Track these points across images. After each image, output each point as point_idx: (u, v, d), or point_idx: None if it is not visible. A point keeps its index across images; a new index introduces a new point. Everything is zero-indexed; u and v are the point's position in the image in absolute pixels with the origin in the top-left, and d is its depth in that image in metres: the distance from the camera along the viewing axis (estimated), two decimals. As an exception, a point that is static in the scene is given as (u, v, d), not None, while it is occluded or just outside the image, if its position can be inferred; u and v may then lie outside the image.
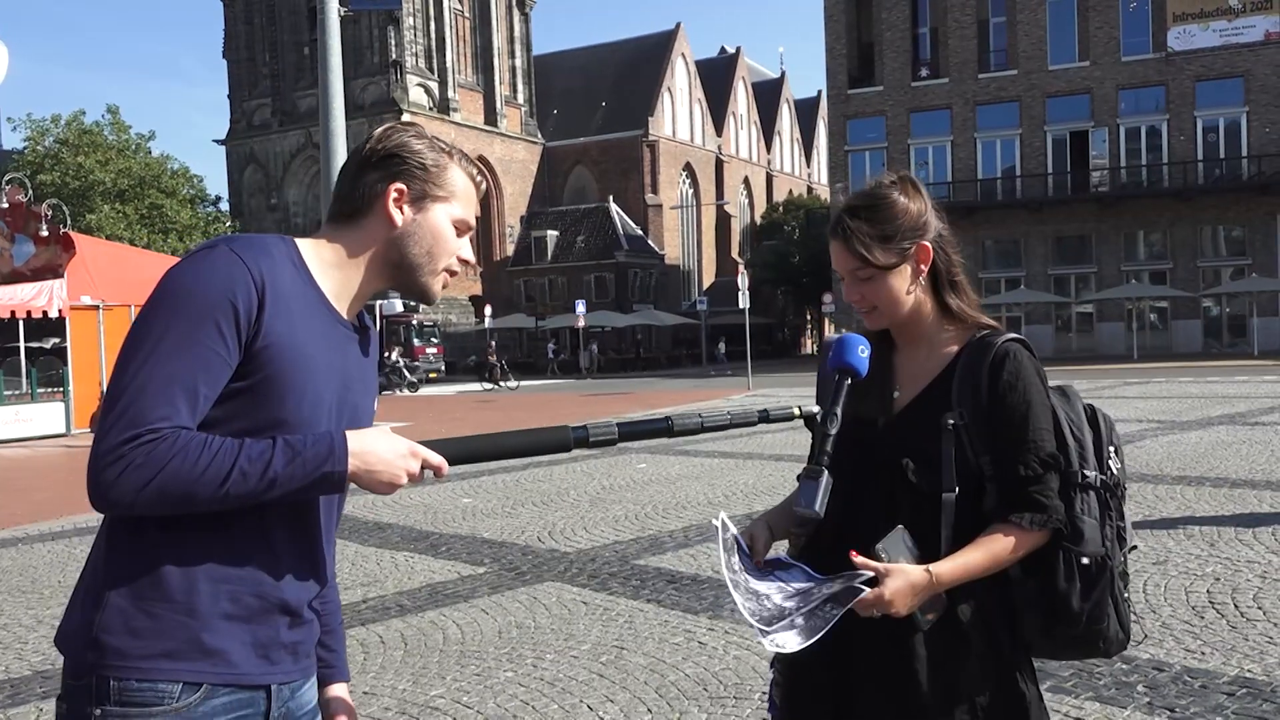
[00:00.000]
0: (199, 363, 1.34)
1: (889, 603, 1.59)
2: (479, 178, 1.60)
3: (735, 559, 1.70)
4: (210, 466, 1.31)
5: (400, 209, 1.52)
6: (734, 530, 1.73)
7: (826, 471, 1.62)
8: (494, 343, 40.84)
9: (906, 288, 1.75)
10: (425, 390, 34.93)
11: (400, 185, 1.52)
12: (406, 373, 34.94)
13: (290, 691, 1.50)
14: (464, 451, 1.51)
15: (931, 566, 1.62)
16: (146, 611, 1.36)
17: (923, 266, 1.76)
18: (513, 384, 34.59)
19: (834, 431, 1.66)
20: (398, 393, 33.19)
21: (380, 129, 1.58)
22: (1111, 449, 1.73)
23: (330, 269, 1.51)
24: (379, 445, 1.42)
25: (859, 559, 1.61)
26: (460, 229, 1.58)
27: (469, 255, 1.61)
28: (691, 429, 1.63)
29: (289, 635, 1.48)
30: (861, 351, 1.72)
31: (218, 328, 1.34)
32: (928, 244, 1.75)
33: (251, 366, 1.37)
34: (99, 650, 1.35)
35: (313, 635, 1.56)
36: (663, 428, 1.61)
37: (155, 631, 1.36)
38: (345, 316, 1.53)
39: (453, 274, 1.59)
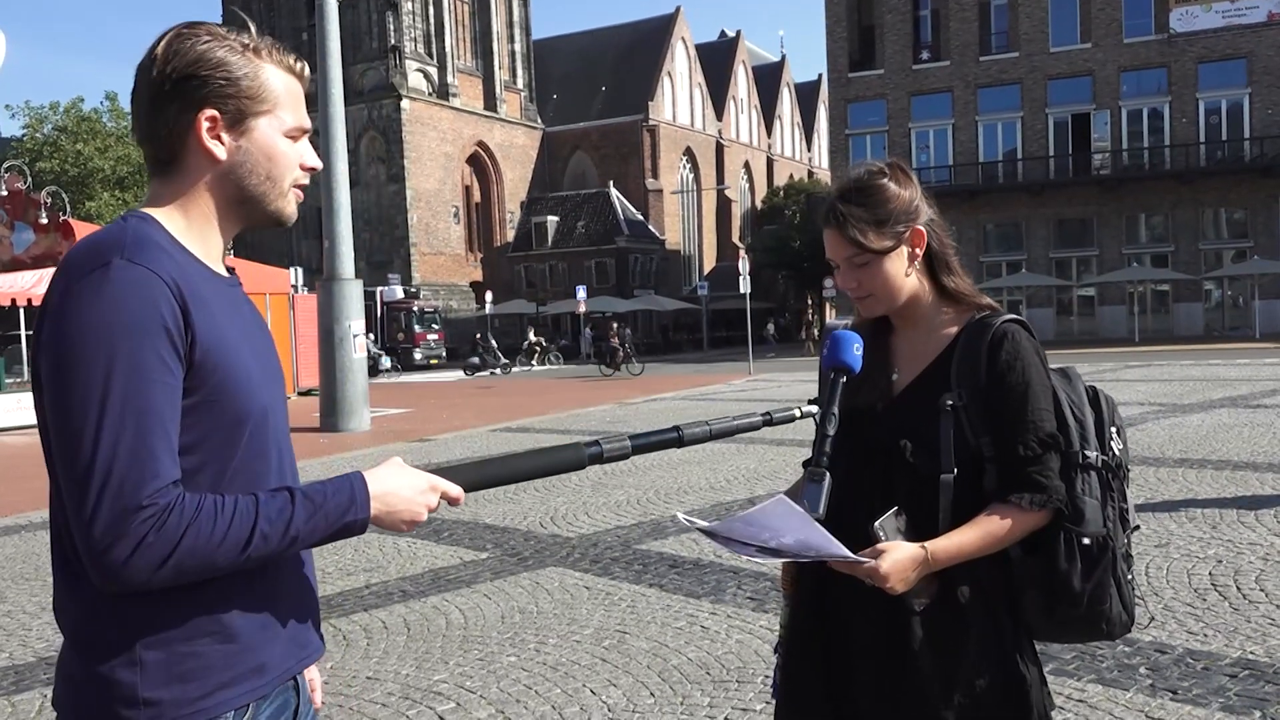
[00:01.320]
0: (160, 402, 1.21)
1: (884, 577, 1.59)
2: (298, 64, 1.38)
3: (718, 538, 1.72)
4: (228, 535, 1.22)
5: (218, 139, 1.32)
6: (703, 523, 1.74)
7: (828, 474, 1.64)
8: (617, 324, 36.99)
9: (903, 272, 1.76)
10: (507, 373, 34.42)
11: (210, 112, 1.30)
12: (500, 354, 34.48)
13: (302, 676, 1.47)
14: (480, 478, 1.48)
15: (927, 544, 1.62)
16: (188, 652, 1.27)
17: (917, 251, 1.76)
18: (637, 369, 30.17)
19: (833, 432, 1.68)
20: (490, 374, 32.94)
21: (162, 42, 1.30)
22: (1113, 430, 1.73)
23: (189, 233, 1.35)
24: (399, 484, 1.35)
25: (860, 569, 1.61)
26: (295, 135, 1.38)
27: (314, 161, 1.42)
28: (700, 438, 1.66)
29: (311, 611, 1.45)
30: (856, 349, 1.73)
31: (159, 357, 1.21)
32: (921, 228, 1.76)
33: (196, 380, 1.26)
34: (155, 707, 1.25)
35: (317, 591, 1.51)
36: (673, 439, 1.63)
37: (204, 669, 1.28)
38: (221, 272, 1.40)
39: (302, 186, 1.42)
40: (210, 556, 1.22)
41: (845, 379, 1.72)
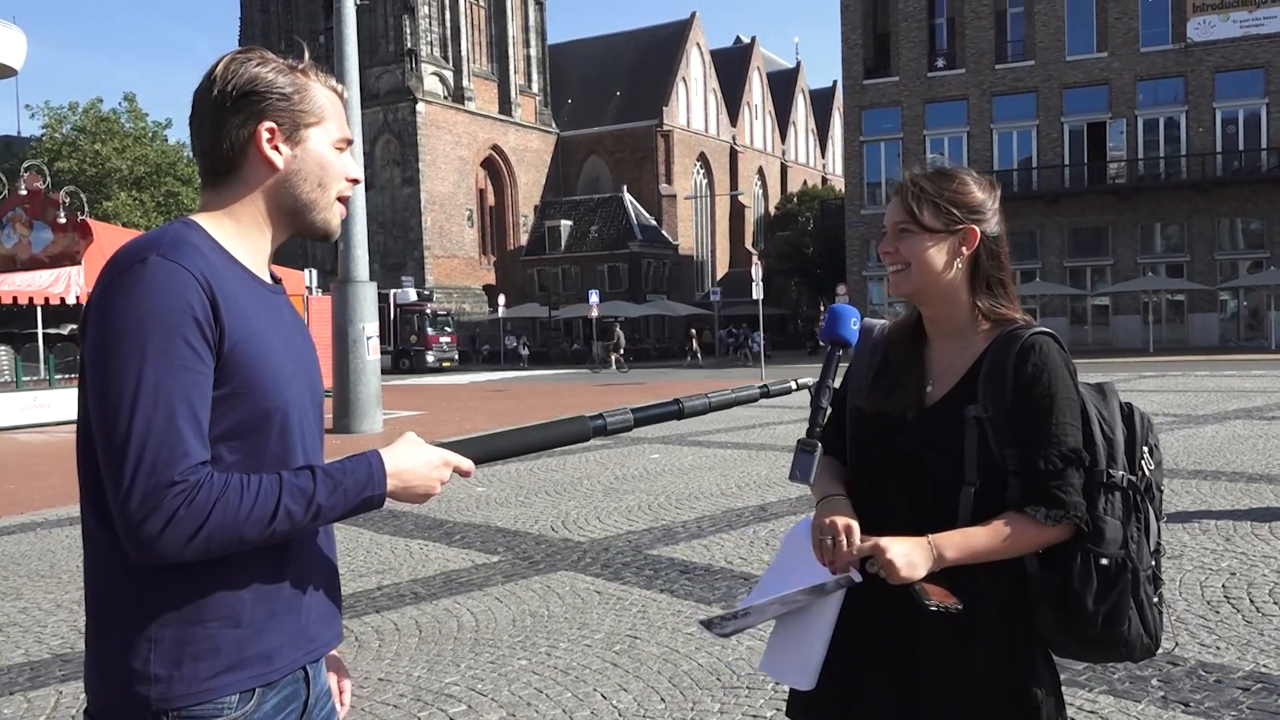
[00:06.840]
0: (190, 388, 1.29)
1: (883, 552, 1.59)
2: (339, 85, 1.51)
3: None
4: (254, 510, 1.29)
5: (277, 149, 1.43)
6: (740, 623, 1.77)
7: (820, 445, 1.69)
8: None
9: (943, 260, 1.75)
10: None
11: (269, 124, 1.41)
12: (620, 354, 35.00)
13: (316, 670, 1.50)
14: (488, 450, 1.53)
15: (932, 536, 1.61)
16: (199, 634, 1.34)
17: (964, 249, 1.75)
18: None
19: (825, 404, 1.73)
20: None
21: (220, 65, 1.42)
22: (1146, 449, 1.69)
23: (236, 239, 1.43)
24: (413, 460, 1.42)
25: (861, 546, 1.64)
26: (340, 147, 1.49)
27: (356, 172, 1.52)
28: (699, 409, 1.73)
29: (325, 604, 1.50)
30: (854, 324, 1.79)
31: (190, 346, 1.29)
32: (977, 229, 1.75)
33: (226, 372, 1.33)
34: (164, 683, 1.32)
35: (337, 588, 1.55)
36: (673, 411, 1.70)
37: (214, 651, 1.34)
38: (265, 279, 1.48)
39: (344, 199, 1.52)
40: (238, 530, 1.29)
41: (841, 352, 1.78)
